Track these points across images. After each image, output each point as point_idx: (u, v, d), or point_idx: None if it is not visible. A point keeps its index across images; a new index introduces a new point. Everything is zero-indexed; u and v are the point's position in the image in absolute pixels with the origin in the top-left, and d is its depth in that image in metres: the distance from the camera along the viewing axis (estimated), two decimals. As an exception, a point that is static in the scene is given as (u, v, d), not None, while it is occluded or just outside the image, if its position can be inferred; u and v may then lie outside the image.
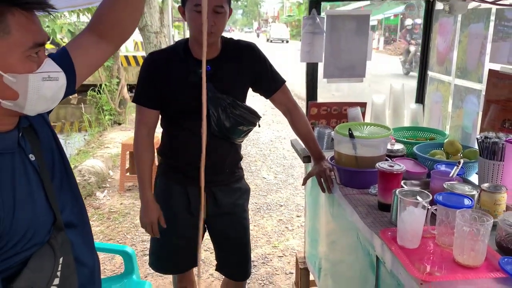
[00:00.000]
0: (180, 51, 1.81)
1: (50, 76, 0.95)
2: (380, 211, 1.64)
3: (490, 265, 1.27)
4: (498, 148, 1.70)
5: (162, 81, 1.79)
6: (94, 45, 1.18)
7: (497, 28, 1.89)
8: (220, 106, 1.80)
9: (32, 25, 0.92)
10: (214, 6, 1.63)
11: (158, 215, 1.89)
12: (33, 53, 0.92)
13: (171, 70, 1.80)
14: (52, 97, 0.98)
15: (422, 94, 2.56)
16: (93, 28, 1.19)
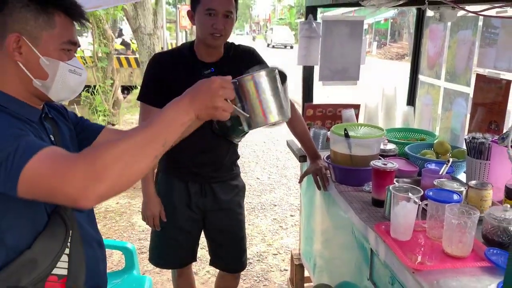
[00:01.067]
0: (186, 53, 1.89)
1: (76, 70, 1.13)
2: (374, 207, 1.74)
3: (476, 256, 1.37)
4: (484, 148, 1.80)
5: (168, 81, 1.86)
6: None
7: (484, 34, 1.99)
8: None
9: (71, 27, 1.12)
10: (225, 11, 1.73)
11: (159, 209, 1.98)
12: (67, 48, 1.10)
13: (177, 71, 1.87)
14: (73, 87, 1.14)
15: (413, 97, 2.66)
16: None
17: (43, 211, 1.06)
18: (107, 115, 7.74)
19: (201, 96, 1.03)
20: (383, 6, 1.77)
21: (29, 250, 1.01)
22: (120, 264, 3.21)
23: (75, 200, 0.86)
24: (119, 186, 0.89)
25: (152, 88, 1.91)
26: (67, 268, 1.08)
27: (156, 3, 9.35)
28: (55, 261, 1.05)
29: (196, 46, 1.90)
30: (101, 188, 0.86)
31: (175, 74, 1.89)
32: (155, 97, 1.91)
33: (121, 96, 8.24)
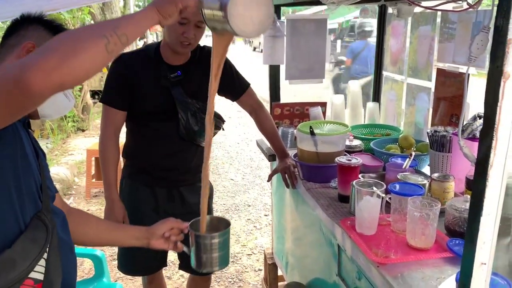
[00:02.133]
0: (151, 55, 1.86)
1: (67, 94, 1.19)
2: (340, 203, 1.75)
3: (439, 247, 1.39)
4: (446, 141, 1.83)
5: (132, 83, 1.83)
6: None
7: (443, 30, 2.04)
8: (189, 110, 1.87)
9: None
10: (197, 21, 1.70)
11: (123, 214, 1.93)
12: None
13: (142, 72, 1.84)
14: (60, 108, 1.19)
15: (378, 93, 2.70)
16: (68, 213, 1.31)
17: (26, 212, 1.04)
18: (77, 121, 7.58)
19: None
20: (342, 3, 1.79)
21: (10, 249, 0.99)
22: (91, 272, 3.13)
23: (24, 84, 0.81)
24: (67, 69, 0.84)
25: (115, 89, 1.87)
26: (43, 273, 1.06)
27: (124, 5, 9.23)
28: (33, 265, 1.03)
29: (163, 48, 1.87)
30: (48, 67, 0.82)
31: (140, 76, 1.85)
32: (119, 99, 1.87)
33: (90, 101, 8.08)
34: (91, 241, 1.39)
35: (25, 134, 1.10)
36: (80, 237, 1.33)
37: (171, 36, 1.76)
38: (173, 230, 1.38)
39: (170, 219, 1.39)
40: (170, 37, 1.77)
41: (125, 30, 0.93)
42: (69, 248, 1.25)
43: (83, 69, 0.87)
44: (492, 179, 0.85)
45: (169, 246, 1.37)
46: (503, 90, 0.80)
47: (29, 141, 1.12)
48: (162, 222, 1.39)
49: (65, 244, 1.21)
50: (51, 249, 1.08)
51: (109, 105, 1.87)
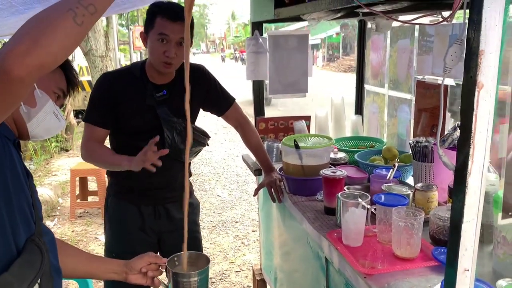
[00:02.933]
0: (136, 73, 1.85)
1: (58, 116, 1.20)
2: (326, 215, 1.76)
3: (425, 256, 1.41)
4: (428, 151, 1.87)
5: (117, 102, 1.82)
6: None
7: (421, 43, 2.09)
8: (175, 130, 1.86)
9: (65, 83, 1.24)
10: (179, 38, 1.70)
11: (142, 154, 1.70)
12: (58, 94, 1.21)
13: (128, 92, 1.83)
14: (50, 128, 1.19)
15: (361, 105, 2.74)
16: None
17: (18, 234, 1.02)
18: (60, 141, 7.50)
19: None
20: (322, 19, 1.83)
21: (7, 272, 0.98)
22: (76, 295, 3.07)
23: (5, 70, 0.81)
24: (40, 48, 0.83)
25: (99, 109, 1.85)
26: None
27: (108, 25, 9.24)
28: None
29: (148, 68, 1.87)
30: (21, 49, 0.81)
31: (125, 95, 1.84)
32: (103, 118, 1.86)
33: (74, 121, 8.01)
34: (67, 271, 1.32)
35: (16, 153, 1.09)
36: None
37: (153, 56, 1.76)
38: (151, 265, 1.35)
39: (149, 253, 1.37)
40: (153, 57, 1.77)
41: (91, 0, 0.90)
42: (56, 270, 1.24)
43: (58, 46, 0.86)
44: (471, 186, 0.87)
45: (146, 281, 1.35)
46: (478, 99, 0.83)
47: (20, 161, 1.11)
48: (140, 257, 1.37)
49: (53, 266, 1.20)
50: (44, 273, 1.06)
51: (94, 124, 1.85)
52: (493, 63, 0.82)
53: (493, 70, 0.82)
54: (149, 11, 1.76)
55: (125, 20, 18.51)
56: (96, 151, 1.81)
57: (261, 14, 2.42)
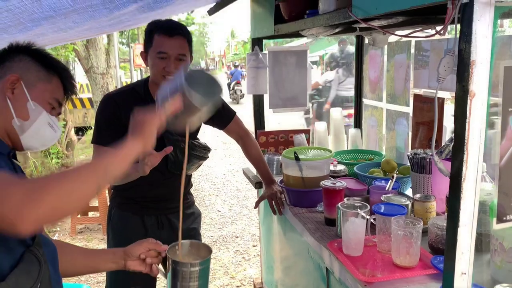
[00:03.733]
0: (140, 92, 1.89)
1: (53, 126, 1.20)
2: (327, 226, 1.78)
3: (424, 264, 1.43)
4: (426, 163, 1.90)
5: (122, 121, 1.85)
6: None
7: (417, 57, 2.14)
8: (178, 147, 1.90)
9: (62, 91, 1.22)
10: (178, 54, 1.75)
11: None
12: (53, 105, 1.19)
13: (132, 109, 1.86)
14: (45, 140, 1.19)
15: (359, 119, 2.78)
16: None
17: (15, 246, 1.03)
18: (61, 157, 7.52)
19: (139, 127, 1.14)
20: (321, 35, 1.88)
21: (4, 282, 0.99)
22: (77, 310, 3.06)
23: (13, 223, 0.84)
24: (58, 211, 0.88)
25: (106, 129, 1.87)
26: None
27: (108, 42, 9.36)
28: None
29: (151, 85, 1.90)
30: (38, 212, 0.84)
31: (130, 114, 1.87)
32: (111, 138, 1.87)
33: (74, 137, 8.05)
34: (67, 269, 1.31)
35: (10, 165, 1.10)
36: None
37: (154, 72, 1.80)
38: (150, 252, 1.33)
39: (148, 239, 1.35)
40: (153, 74, 1.81)
41: (114, 171, 1.00)
42: (57, 282, 1.25)
43: (74, 209, 0.96)
44: (466, 191, 0.90)
45: (145, 269, 1.33)
46: (470, 107, 0.87)
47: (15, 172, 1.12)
48: (139, 242, 1.34)
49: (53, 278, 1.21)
50: (42, 282, 1.07)
51: (102, 144, 1.87)
52: (484, 72, 0.86)
53: (484, 79, 0.86)
54: (147, 30, 1.81)
55: (125, 38, 18.71)
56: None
57: (261, 30, 2.48)
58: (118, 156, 1.03)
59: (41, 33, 1.71)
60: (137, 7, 1.84)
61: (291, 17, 1.99)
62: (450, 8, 0.92)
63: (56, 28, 1.84)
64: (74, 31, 2.04)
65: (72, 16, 1.71)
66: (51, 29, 1.81)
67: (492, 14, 0.83)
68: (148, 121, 1.15)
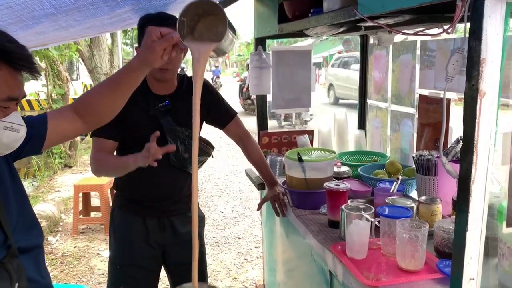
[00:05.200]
0: (139, 86, 1.87)
1: (13, 127, 1.06)
2: (330, 228, 1.75)
3: (429, 268, 1.40)
4: (431, 165, 1.87)
5: (121, 114, 1.83)
6: (70, 121, 1.31)
7: (423, 58, 2.11)
8: (178, 138, 1.88)
9: (13, 81, 1.03)
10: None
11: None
12: (4, 105, 1.03)
13: (131, 103, 1.84)
14: (7, 144, 1.07)
15: (364, 120, 2.75)
16: (75, 108, 1.32)
17: None
18: (64, 157, 7.52)
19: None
20: (325, 34, 1.85)
21: None
22: (78, 311, 3.04)
23: None
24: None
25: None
26: None
27: (112, 43, 9.36)
28: None
29: (149, 79, 1.90)
30: None
31: (128, 107, 1.86)
32: (110, 131, 1.87)
33: (77, 138, 8.05)
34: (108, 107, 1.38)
35: None
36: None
37: None
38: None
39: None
40: None
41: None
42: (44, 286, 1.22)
43: None
44: (475, 194, 0.87)
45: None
46: (480, 107, 0.84)
47: None
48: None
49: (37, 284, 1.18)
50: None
51: (101, 137, 1.86)
52: (494, 71, 0.83)
53: (494, 78, 0.83)
54: (139, 25, 1.79)
55: (129, 38, 18.72)
56: (102, 159, 1.82)
57: (264, 30, 2.46)
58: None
59: (42, 31, 1.70)
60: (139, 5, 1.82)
61: (295, 16, 1.97)
62: (460, 5, 0.89)
63: (57, 26, 1.82)
64: (75, 29, 2.02)
65: (73, 14, 1.69)
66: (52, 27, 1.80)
67: (504, 10, 0.81)
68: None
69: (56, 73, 7.62)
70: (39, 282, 1.20)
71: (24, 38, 1.83)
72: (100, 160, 1.83)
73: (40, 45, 2.28)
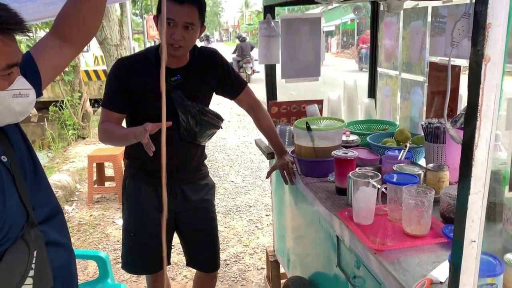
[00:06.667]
0: (151, 58, 1.88)
1: (21, 93, 1.04)
2: (338, 195, 1.78)
3: (435, 233, 1.43)
4: (440, 132, 1.87)
5: (133, 87, 1.85)
6: (57, 49, 1.23)
7: (434, 24, 2.07)
8: (189, 113, 1.90)
9: (7, 47, 0.99)
10: (184, 22, 1.72)
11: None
12: (5, 74, 1.01)
13: (142, 76, 1.86)
14: (21, 111, 1.06)
15: (374, 89, 2.74)
16: (56, 32, 1.24)
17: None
18: (77, 129, 7.63)
19: None
20: (334, 1, 1.83)
21: None
22: (96, 276, 3.16)
23: None
24: None
25: (115, 94, 1.89)
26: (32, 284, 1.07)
27: (122, 13, 9.29)
28: (20, 285, 1.04)
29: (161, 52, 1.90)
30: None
31: (140, 80, 1.88)
32: (118, 103, 1.90)
33: (90, 109, 8.13)
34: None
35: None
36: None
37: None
38: None
39: None
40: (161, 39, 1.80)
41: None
42: (65, 247, 1.26)
43: None
44: (478, 159, 0.89)
45: None
46: (485, 72, 0.84)
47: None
48: None
49: (58, 245, 1.22)
50: (37, 265, 1.08)
51: (110, 109, 1.89)
52: (500, 36, 0.83)
53: (500, 43, 0.83)
54: None
55: (138, 9, 18.54)
56: (108, 129, 1.86)
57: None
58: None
59: (51, 1, 1.70)
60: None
61: (304, -17, 1.94)
62: (467, -32, 0.88)
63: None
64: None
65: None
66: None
67: (511, -27, 0.79)
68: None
69: (67, 45, 7.63)
70: (62, 244, 1.25)
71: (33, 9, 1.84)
72: (106, 130, 1.87)
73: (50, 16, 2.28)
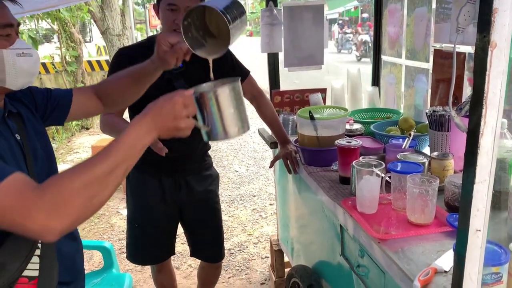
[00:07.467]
0: (152, 47, 1.87)
1: (24, 52, 1.09)
2: (341, 185, 1.77)
3: (439, 222, 1.42)
4: (444, 120, 1.85)
5: None
6: (92, 101, 1.41)
7: (439, 10, 2.04)
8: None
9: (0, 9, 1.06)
10: (186, 6, 1.69)
11: None
12: (4, 34, 1.06)
13: None
14: (28, 69, 1.10)
15: (377, 77, 2.71)
16: (97, 91, 1.41)
17: None
18: (81, 120, 7.63)
19: (164, 117, 1.01)
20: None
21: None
22: (101, 266, 3.18)
23: (39, 235, 0.87)
24: (83, 218, 0.91)
25: None
26: (38, 269, 1.07)
27: (123, 3, 9.23)
28: (25, 264, 1.05)
29: None
30: (65, 223, 0.86)
31: None
32: None
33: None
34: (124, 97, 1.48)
35: (5, 128, 1.09)
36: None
37: (165, 26, 1.77)
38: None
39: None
40: (165, 27, 1.78)
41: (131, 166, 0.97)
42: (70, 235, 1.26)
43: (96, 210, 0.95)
44: (484, 147, 0.87)
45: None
46: (491, 59, 0.82)
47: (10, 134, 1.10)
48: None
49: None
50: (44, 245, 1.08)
51: None
52: (507, 21, 0.81)
53: (507, 29, 0.81)
54: None
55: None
56: (109, 121, 1.85)
57: (275, -15, 2.40)
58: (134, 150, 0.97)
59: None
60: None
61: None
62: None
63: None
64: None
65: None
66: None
67: (518, -44, 0.77)
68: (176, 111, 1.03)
69: (69, 35, 7.61)
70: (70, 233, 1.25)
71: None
72: (107, 124, 1.87)
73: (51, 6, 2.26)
